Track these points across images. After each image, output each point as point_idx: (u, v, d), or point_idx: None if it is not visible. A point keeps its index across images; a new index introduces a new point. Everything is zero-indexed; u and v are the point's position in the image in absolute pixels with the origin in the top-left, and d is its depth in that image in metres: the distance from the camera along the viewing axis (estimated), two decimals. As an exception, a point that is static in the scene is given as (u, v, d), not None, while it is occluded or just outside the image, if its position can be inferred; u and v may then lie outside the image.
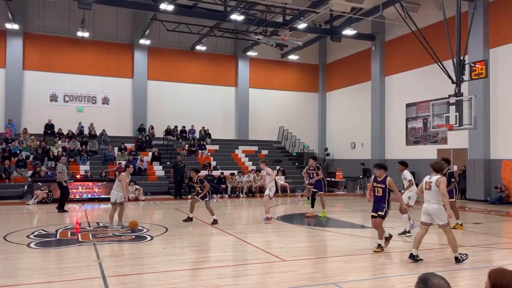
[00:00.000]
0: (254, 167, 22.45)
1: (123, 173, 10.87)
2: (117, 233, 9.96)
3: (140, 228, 10.68)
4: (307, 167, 13.49)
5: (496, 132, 17.25)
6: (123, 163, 20.40)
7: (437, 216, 7.12)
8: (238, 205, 17.15)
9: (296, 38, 22.27)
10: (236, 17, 19.91)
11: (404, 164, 10.17)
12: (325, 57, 29.11)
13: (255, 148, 25.78)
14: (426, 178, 7.31)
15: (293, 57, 26.94)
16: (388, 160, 23.13)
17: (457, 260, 7.11)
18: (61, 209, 14.02)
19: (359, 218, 13.23)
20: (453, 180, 10.63)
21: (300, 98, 28.83)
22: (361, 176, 22.43)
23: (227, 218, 13.20)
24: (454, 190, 10.70)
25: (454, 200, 10.61)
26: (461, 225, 10.70)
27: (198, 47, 25.30)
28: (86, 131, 22.73)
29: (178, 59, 25.72)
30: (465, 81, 13.79)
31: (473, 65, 13.40)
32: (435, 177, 7.15)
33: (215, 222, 11.18)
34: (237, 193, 20.16)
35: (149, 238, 9.40)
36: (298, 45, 23.17)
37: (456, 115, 13.23)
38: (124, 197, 10.63)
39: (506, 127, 16.81)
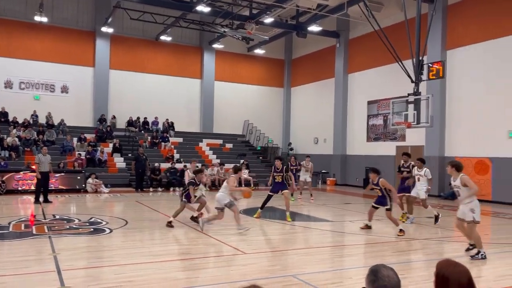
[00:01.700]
0: (218, 161, 22.40)
1: (233, 176, 9.62)
2: (74, 226, 9.69)
3: (99, 220, 10.44)
4: (274, 167, 11.88)
5: (450, 131, 18.02)
6: (83, 153, 19.87)
7: None
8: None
9: (262, 32, 22.30)
10: (202, 8, 19.66)
11: (422, 161, 10.99)
12: (290, 53, 29.33)
13: (220, 141, 25.69)
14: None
15: (259, 51, 26.96)
16: (349, 156, 23.69)
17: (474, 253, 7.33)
18: (45, 199, 13.71)
19: (320, 212, 13.48)
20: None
21: (265, 93, 28.95)
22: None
23: (189, 211, 13.07)
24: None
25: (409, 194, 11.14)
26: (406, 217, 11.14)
27: (163, 37, 24.83)
28: (43, 120, 21.86)
29: (142, 49, 25.14)
30: (423, 80, 14.27)
31: (431, 65, 13.88)
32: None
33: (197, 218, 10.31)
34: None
35: (108, 231, 9.20)
36: (264, 39, 23.22)
37: (414, 114, 13.69)
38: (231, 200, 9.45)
39: (460, 126, 17.59)
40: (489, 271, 6.63)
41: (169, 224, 9.75)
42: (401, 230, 9.21)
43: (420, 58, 14.00)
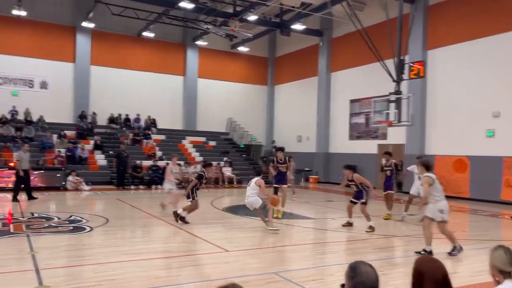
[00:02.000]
0: (202, 158, 22.31)
1: (261, 179, 9.49)
2: (53, 224, 9.52)
3: (79, 219, 10.29)
4: (275, 159, 11.69)
5: (430, 130, 18.34)
6: (63, 151, 19.52)
7: None
8: (184, 196, 16.97)
9: (246, 30, 22.25)
10: (186, 4, 19.50)
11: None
12: (274, 51, 29.37)
13: (203, 139, 25.58)
14: (433, 176, 7.28)
15: (243, 48, 26.91)
16: (331, 154, 23.88)
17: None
18: (14, 199, 13.47)
19: (302, 209, 13.55)
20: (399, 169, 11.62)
21: (249, 90, 28.92)
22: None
23: (172, 209, 13.00)
24: (395, 182, 11.61)
25: (392, 192, 11.49)
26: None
27: (146, 34, 24.55)
28: (21, 117, 21.39)
29: (124, 45, 24.82)
30: (404, 80, 14.48)
31: (412, 65, 14.10)
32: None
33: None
34: (183, 184, 19.92)
35: (88, 229, 9.07)
36: (248, 37, 23.17)
37: (395, 112, 13.90)
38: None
39: (440, 125, 17.91)
40: (465, 267, 6.78)
41: (183, 220, 9.77)
42: (370, 227, 9.36)
43: (402, 57, 14.20)
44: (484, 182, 15.99)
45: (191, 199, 9.94)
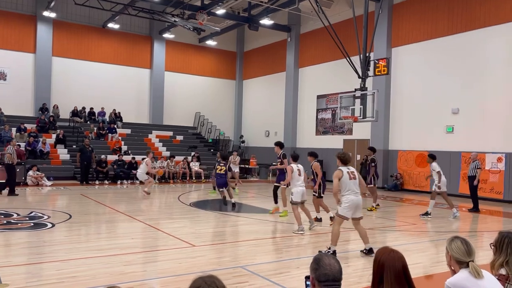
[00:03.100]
0: (168, 153, 22.04)
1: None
2: (12, 221, 9.17)
3: (40, 215, 9.96)
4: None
5: (394, 125, 18.86)
6: (22, 145, 18.80)
7: (361, 207, 6.96)
8: (150, 191, 16.73)
9: (214, 24, 22.10)
10: (153, -4, 19.14)
11: (432, 157, 11.42)
12: (242, 45, 29.29)
13: (170, 133, 25.26)
14: (345, 169, 6.79)
15: (211, 42, 26.70)
16: (298, 149, 24.13)
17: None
18: (12, 193, 13.46)
19: (269, 204, 13.63)
20: (373, 165, 12.02)
21: (217, 85, 28.75)
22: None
23: (138, 204, 12.82)
24: (374, 175, 12.07)
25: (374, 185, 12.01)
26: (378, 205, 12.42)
27: (111, 25, 23.90)
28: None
29: (87, 36, 24.07)
30: (370, 76, 14.79)
31: (377, 62, 14.39)
32: (352, 168, 6.98)
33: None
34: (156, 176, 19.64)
35: (49, 225, 8.80)
36: (216, 30, 23.01)
37: (360, 108, 14.16)
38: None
39: (402, 121, 18.45)
40: (426, 258, 7.04)
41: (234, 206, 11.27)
42: (331, 218, 9.61)
43: (367, 54, 14.48)
44: (444, 176, 16.59)
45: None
